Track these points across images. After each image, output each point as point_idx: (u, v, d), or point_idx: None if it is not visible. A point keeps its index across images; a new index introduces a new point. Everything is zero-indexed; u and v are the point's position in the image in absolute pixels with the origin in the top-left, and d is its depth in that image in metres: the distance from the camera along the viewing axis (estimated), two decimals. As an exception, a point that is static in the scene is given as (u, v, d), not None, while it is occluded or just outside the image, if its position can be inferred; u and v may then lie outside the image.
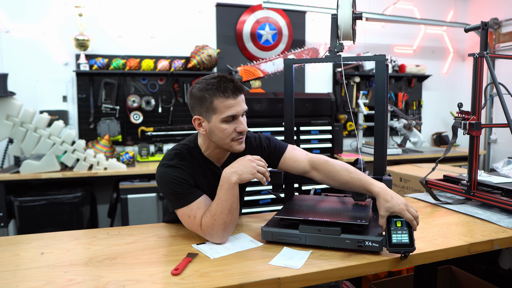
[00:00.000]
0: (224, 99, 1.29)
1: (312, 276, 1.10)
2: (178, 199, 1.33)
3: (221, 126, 1.31)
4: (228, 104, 1.30)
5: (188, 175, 1.35)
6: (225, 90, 1.29)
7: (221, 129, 1.32)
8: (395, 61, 4.46)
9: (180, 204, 1.33)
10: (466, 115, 1.76)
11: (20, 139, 2.93)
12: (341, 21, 1.41)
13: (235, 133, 1.33)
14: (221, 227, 1.28)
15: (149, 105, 3.67)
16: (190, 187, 1.34)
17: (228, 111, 1.30)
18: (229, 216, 1.28)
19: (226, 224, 1.29)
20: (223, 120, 1.31)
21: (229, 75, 1.34)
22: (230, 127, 1.32)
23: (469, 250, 1.31)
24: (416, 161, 3.68)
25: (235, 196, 1.29)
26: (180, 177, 1.32)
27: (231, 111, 1.30)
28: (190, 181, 1.34)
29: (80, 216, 2.99)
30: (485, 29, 1.75)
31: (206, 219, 1.29)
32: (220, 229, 1.28)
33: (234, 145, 1.36)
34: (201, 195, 1.34)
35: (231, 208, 1.28)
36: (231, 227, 1.32)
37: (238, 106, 1.32)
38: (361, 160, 1.47)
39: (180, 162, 1.36)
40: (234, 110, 1.31)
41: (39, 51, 3.46)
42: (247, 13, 4.01)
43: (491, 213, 1.64)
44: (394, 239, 1.18)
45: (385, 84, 1.40)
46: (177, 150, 1.41)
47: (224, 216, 1.28)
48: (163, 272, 1.10)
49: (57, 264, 1.17)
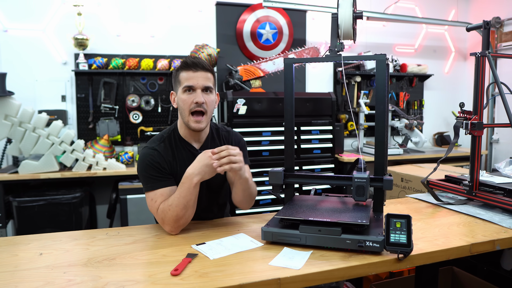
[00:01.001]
0: (185, 71, 1.49)
1: (312, 276, 1.10)
2: (148, 182, 1.47)
3: (182, 96, 1.50)
4: (187, 76, 1.49)
5: (163, 160, 1.50)
6: (186, 64, 1.49)
7: (181, 100, 1.49)
8: (396, 61, 4.46)
9: (148, 188, 1.47)
10: (468, 115, 1.76)
11: (19, 139, 2.93)
12: (341, 20, 1.41)
13: (193, 104, 1.48)
14: (172, 218, 1.39)
15: (149, 105, 3.67)
16: (162, 173, 1.48)
17: (186, 81, 1.48)
18: (182, 211, 1.39)
19: (178, 218, 1.39)
20: (183, 91, 1.49)
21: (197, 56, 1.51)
22: (189, 98, 1.48)
23: (471, 251, 1.31)
24: (418, 161, 3.68)
25: (193, 194, 1.40)
26: (155, 161, 1.48)
27: (189, 82, 1.48)
28: (164, 166, 1.49)
29: (79, 216, 2.99)
30: (487, 28, 1.75)
31: (163, 206, 1.42)
32: (171, 219, 1.39)
33: (191, 121, 1.50)
34: (169, 185, 1.47)
35: (186, 205, 1.39)
36: (183, 222, 1.41)
37: (196, 79, 1.48)
38: (361, 160, 1.47)
39: (159, 144, 1.53)
40: (191, 81, 1.48)
41: (38, 50, 3.47)
42: (247, 12, 4.01)
43: (493, 214, 1.64)
44: (392, 238, 1.19)
45: (386, 83, 1.41)
46: (159, 133, 1.60)
47: (178, 210, 1.38)
48: (163, 272, 1.11)
49: (56, 264, 1.17)
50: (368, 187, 1.35)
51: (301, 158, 3.44)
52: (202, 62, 1.51)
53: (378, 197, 1.45)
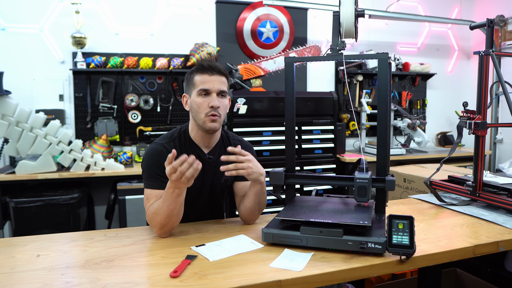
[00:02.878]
0: (201, 74, 1.51)
1: (313, 278, 1.10)
2: (149, 179, 1.49)
3: (196, 99, 1.51)
4: (203, 79, 1.50)
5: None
6: (202, 67, 1.51)
7: (196, 103, 1.51)
8: (398, 59, 4.46)
9: (148, 185, 1.49)
10: (471, 115, 1.76)
11: (16, 139, 2.93)
12: (343, 18, 1.41)
13: (208, 108, 1.49)
14: (157, 225, 1.40)
15: (148, 104, 3.67)
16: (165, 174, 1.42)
17: (201, 84, 1.50)
18: (166, 220, 1.39)
19: (162, 225, 1.40)
20: (198, 94, 1.50)
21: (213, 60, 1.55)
22: (204, 101, 1.50)
23: (474, 252, 1.31)
24: (420, 162, 3.68)
25: (178, 204, 1.38)
26: (162, 159, 1.45)
27: (204, 85, 1.50)
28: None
29: (77, 217, 2.99)
30: (490, 27, 1.75)
31: (149, 211, 1.43)
32: (156, 226, 1.41)
33: (207, 121, 1.51)
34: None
35: (170, 214, 1.38)
36: (168, 228, 1.42)
37: (212, 83, 1.50)
38: (363, 160, 1.47)
39: (169, 142, 1.55)
40: (207, 85, 1.50)
41: (35, 49, 3.47)
42: (247, 10, 4.01)
43: (496, 215, 1.64)
44: (395, 239, 1.18)
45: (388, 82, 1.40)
46: (170, 132, 1.62)
47: (161, 218, 1.38)
48: (162, 274, 1.10)
49: (54, 266, 1.17)
50: (370, 187, 1.35)
51: (302, 158, 3.44)
52: (218, 65, 1.52)
53: (380, 197, 1.45)
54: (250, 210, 1.55)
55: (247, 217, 1.58)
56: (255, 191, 1.52)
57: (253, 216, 1.58)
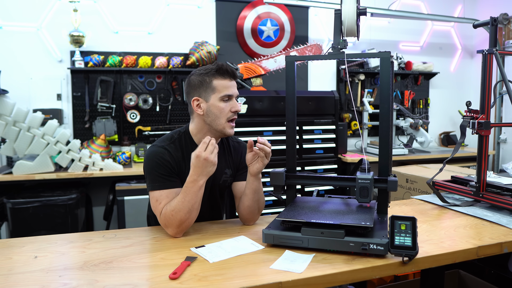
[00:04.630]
0: (223, 79, 1.52)
1: (314, 280, 1.10)
2: (155, 181, 1.48)
3: (219, 104, 1.51)
4: (226, 84, 1.52)
5: (173, 159, 1.52)
6: (224, 72, 1.52)
7: (218, 108, 1.51)
8: (401, 58, 4.45)
9: (154, 187, 1.48)
10: (474, 114, 1.76)
11: (13, 139, 2.93)
12: (345, 16, 1.41)
13: (230, 113, 1.53)
14: (176, 223, 1.40)
15: (147, 104, 3.67)
16: (170, 173, 1.50)
17: (226, 90, 1.52)
18: (186, 215, 1.40)
19: (182, 221, 1.41)
20: (221, 99, 1.52)
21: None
22: (227, 106, 1.52)
23: (477, 254, 1.31)
24: (423, 162, 3.68)
25: (199, 197, 1.42)
26: (165, 159, 1.50)
27: (229, 90, 1.52)
28: (172, 165, 1.51)
29: (75, 218, 2.99)
30: (494, 25, 1.75)
31: (166, 211, 1.42)
32: (175, 224, 1.41)
33: (227, 127, 1.54)
34: (175, 186, 1.49)
35: (191, 208, 1.41)
36: (186, 225, 1.43)
37: (234, 88, 1.55)
38: (365, 160, 1.47)
39: (169, 144, 1.55)
40: (231, 90, 1.53)
41: (33, 48, 3.47)
42: (248, 8, 4.01)
43: (500, 216, 1.64)
44: (397, 241, 1.18)
45: (391, 81, 1.41)
46: (169, 134, 1.61)
47: (182, 214, 1.40)
48: (161, 276, 1.11)
49: (51, 268, 1.17)
50: (372, 188, 1.35)
51: (303, 159, 3.44)
52: (235, 70, 1.57)
53: (383, 198, 1.45)
54: (249, 209, 1.56)
55: (246, 217, 1.58)
56: (254, 188, 1.54)
57: (253, 215, 1.58)
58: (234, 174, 1.70)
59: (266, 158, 1.49)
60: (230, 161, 1.69)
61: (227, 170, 1.66)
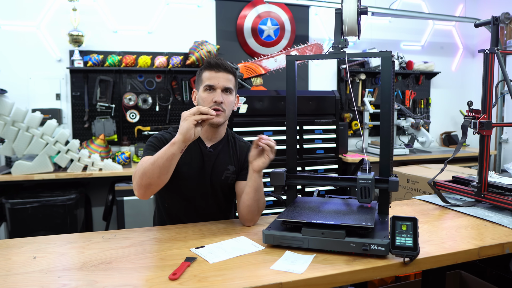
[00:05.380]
0: (208, 71, 1.60)
1: (315, 281, 1.10)
2: (149, 150, 1.58)
3: (202, 94, 1.60)
4: (209, 75, 1.59)
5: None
6: (209, 64, 1.60)
7: (202, 97, 1.60)
8: (402, 58, 4.45)
9: (145, 154, 1.56)
10: (476, 114, 1.76)
11: (12, 139, 2.93)
12: (345, 15, 1.41)
13: (211, 103, 1.57)
14: (139, 172, 1.42)
15: (146, 103, 3.67)
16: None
17: (208, 80, 1.59)
18: (149, 167, 1.39)
19: (144, 172, 1.40)
20: (204, 89, 1.60)
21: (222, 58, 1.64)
22: (209, 96, 1.58)
23: (479, 254, 1.31)
24: (424, 162, 3.68)
25: (167, 154, 1.37)
26: (164, 137, 1.61)
27: (211, 81, 1.58)
28: None
29: (74, 219, 2.99)
30: (496, 24, 1.75)
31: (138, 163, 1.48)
32: (137, 174, 1.43)
33: None
34: None
35: (155, 162, 1.38)
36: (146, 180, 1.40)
37: (217, 79, 1.59)
38: (366, 160, 1.47)
39: (172, 133, 1.64)
40: (213, 81, 1.58)
41: (31, 47, 3.47)
42: (248, 7, 4.01)
43: (502, 216, 1.64)
44: (398, 241, 1.18)
45: (392, 81, 1.40)
46: (173, 126, 1.71)
47: (146, 165, 1.40)
48: (161, 277, 1.11)
49: (50, 268, 1.17)
50: (373, 188, 1.35)
51: (303, 159, 3.44)
52: (224, 63, 1.61)
53: (383, 198, 1.45)
54: (249, 208, 1.56)
55: (246, 217, 1.58)
56: (255, 186, 1.54)
57: (252, 215, 1.58)
58: (238, 172, 1.71)
59: (272, 152, 1.51)
60: (234, 159, 1.71)
61: (230, 167, 1.68)
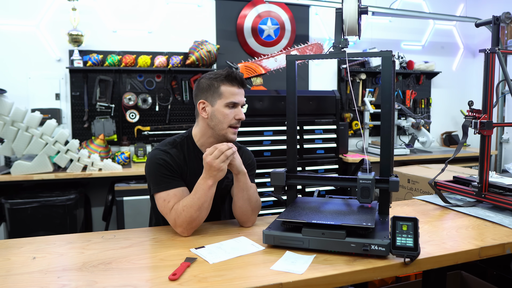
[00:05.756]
0: (230, 86, 1.54)
1: (315, 281, 1.10)
2: (160, 183, 1.51)
3: (223, 110, 1.54)
4: (233, 91, 1.54)
5: (175, 162, 1.55)
6: (232, 79, 1.54)
7: (223, 113, 1.54)
8: (402, 57, 4.45)
9: (160, 188, 1.50)
10: (477, 114, 1.76)
11: (11, 139, 2.93)
12: (346, 15, 1.41)
13: (234, 120, 1.55)
14: (187, 219, 1.42)
15: (146, 103, 3.67)
16: (174, 174, 1.53)
17: (232, 97, 1.54)
18: (197, 213, 1.42)
19: (193, 219, 1.43)
20: (226, 105, 1.54)
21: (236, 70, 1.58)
22: (231, 113, 1.54)
23: (480, 255, 1.31)
24: (425, 162, 3.68)
25: (208, 196, 1.44)
26: (167, 161, 1.53)
27: (235, 98, 1.55)
28: (175, 168, 1.54)
29: (73, 219, 2.99)
30: (496, 24, 1.75)
31: (177, 207, 1.45)
32: (186, 221, 1.43)
33: (229, 133, 1.56)
34: (181, 185, 1.52)
35: (201, 207, 1.43)
36: (196, 223, 1.45)
37: (241, 96, 1.57)
38: (366, 160, 1.47)
39: (171, 148, 1.58)
40: (237, 98, 1.55)
41: (31, 47, 3.47)
42: (248, 7, 4.01)
43: (503, 216, 1.63)
44: (398, 242, 1.18)
45: (392, 81, 1.41)
46: (171, 138, 1.64)
47: (192, 211, 1.42)
48: (160, 277, 1.11)
49: (50, 269, 1.17)
50: (374, 188, 1.35)
51: (304, 159, 3.44)
52: (243, 79, 1.58)
53: (384, 199, 1.45)
54: (241, 209, 1.55)
55: (240, 218, 1.58)
56: (241, 186, 1.54)
57: (247, 216, 1.57)
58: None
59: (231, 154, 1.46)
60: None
61: (229, 175, 1.64)
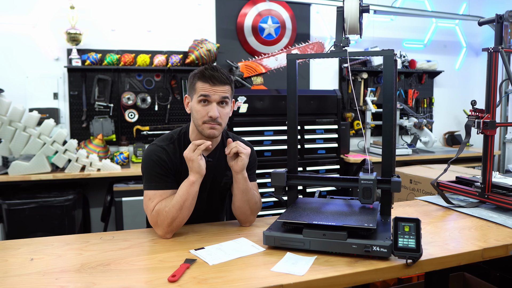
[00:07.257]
0: (203, 82, 1.51)
1: (316, 283, 1.10)
2: (151, 181, 1.52)
3: (196, 106, 1.53)
4: (204, 87, 1.51)
5: (170, 159, 1.55)
6: (204, 74, 1.51)
7: (196, 109, 1.53)
8: (404, 56, 4.45)
9: (150, 186, 1.51)
10: (480, 113, 1.76)
11: (9, 139, 2.93)
12: (347, 14, 1.41)
13: (206, 117, 1.51)
14: (167, 219, 1.43)
15: (145, 103, 3.67)
16: (167, 172, 1.53)
17: (202, 91, 1.51)
18: (177, 212, 1.43)
19: (172, 219, 1.43)
20: (198, 100, 1.52)
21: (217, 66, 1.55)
22: (203, 109, 1.52)
23: (483, 256, 1.31)
24: (427, 162, 3.68)
25: (190, 194, 1.45)
26: (162, 159, 1.53)
27: (204, 92, 1.51)
28: (169, 165, 1.54)
29: (71, 220, 2.99)
30: (500, 23, 1.75)
31: (158, 207, 1.45)
32: (165, 221, 1.43)
33: (205, 129, 1.53)
34: (171, 187, 1.52)
35: (183, 205, 1.43)
36: (176, 224, 1.45)
37: (214, 92, 1.51)
38: (368, 160, 1.47)
39: (168, 144, 1.58)
40: (208, 92, 1.51)
41: (29, 46, 3.47)
42: (248, 5, 4.01)
43: (506, 217, 1.63)
44: (400, 243, 1.18)
45: (394, 80, 1.40)
46: (169, 133, 1.64)
47: (173, 210, 1.43)
48: (160, 279, 1.11)
49: (48, 270, 1.17)
50: (375, 189, 1.35)
51: (304, 159, 3.44)
52: (220, 76, 1.51)
53: (386, 199, 1.45)
54: (240, 209, 1.58)
55: (239, 217, 1.60)
56: (241, 188, 1.55)
57: (246, 216, 1.59)
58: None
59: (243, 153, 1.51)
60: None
61: (228, 172, 1.66)
